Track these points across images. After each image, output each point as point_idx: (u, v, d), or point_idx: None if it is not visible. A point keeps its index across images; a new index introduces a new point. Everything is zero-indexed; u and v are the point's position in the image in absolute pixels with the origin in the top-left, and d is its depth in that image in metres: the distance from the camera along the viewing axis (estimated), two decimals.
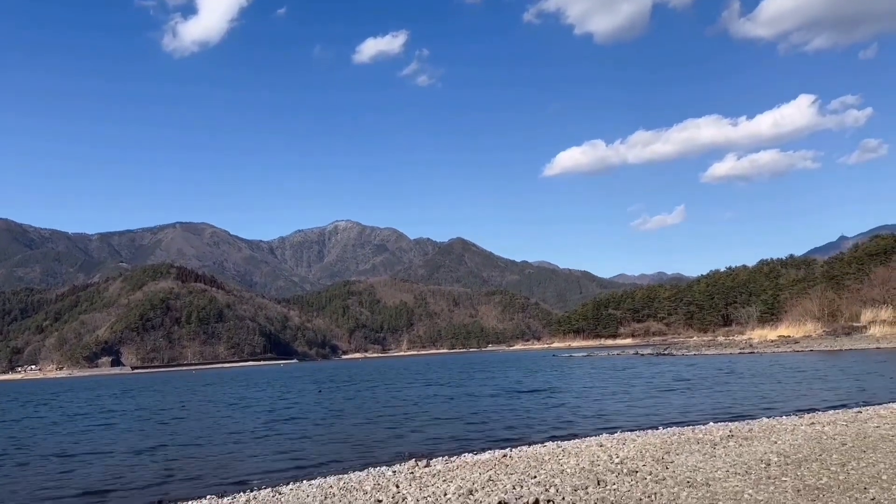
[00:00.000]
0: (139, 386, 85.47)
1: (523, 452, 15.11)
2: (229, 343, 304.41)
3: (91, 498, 14.50)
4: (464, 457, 15.59)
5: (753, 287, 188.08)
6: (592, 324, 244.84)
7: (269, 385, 66.57)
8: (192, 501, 12.94)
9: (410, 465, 14.52)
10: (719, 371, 46.20)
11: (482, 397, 34.57)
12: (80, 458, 20.45)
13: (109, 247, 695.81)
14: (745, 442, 13.63)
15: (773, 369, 44.14)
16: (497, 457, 14.65)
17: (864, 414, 17.34)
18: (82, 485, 15.94)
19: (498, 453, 15.39)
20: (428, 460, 14.97)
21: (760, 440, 13.70)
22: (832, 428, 14.73)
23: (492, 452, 15.88)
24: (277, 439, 22.08)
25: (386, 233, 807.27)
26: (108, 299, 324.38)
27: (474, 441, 19.18)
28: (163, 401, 48.88)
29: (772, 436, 14.22)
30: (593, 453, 13.59)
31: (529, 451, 15.40)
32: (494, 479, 11.52)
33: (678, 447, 13.51)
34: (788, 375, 38.18)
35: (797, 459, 11.17)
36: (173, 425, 28.85)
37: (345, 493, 11.76)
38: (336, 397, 40.26)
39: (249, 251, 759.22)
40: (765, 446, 12.83)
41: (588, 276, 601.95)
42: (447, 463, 14.53)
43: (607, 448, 14.27)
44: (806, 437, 13.49)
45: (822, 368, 42.62)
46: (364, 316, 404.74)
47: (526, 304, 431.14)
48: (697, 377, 41.52)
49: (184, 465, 17.70)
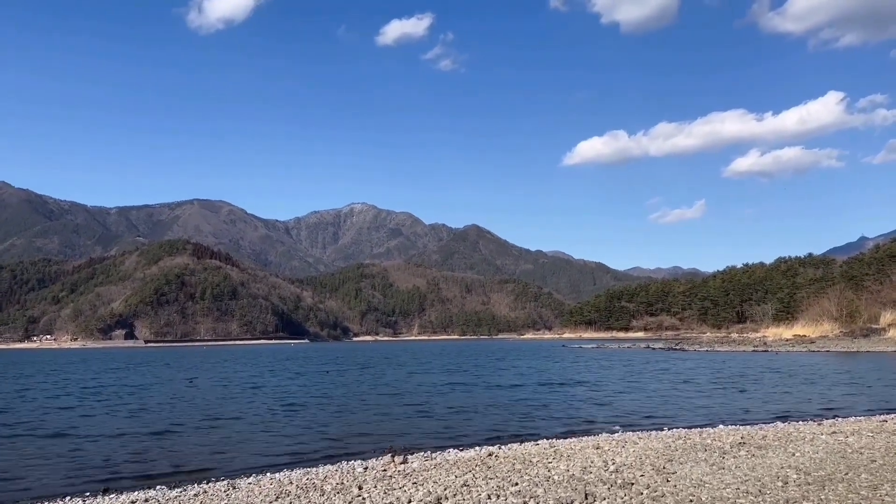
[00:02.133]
0: (148, 360, 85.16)
1: (512, 451, 13.73)
2: (242, 321, 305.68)
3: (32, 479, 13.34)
4: (447, 453, 14.25)
5: (770, 285, 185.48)
6: (605, 316, 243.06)
7: (277, 365, 65.81)
8: (139, 491, 11.72)
9: (385, 461, 13.21)
10: (732, 369, 44.55)
11: (494, 387, 33.23)
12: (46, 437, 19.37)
13: (127, 221, 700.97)
14: (758, 452, 12.12)
15: (787, 369, 42.41)
16: (481, 455, 13.28)
17: (890, 424, 15.76)
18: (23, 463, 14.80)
19: (483, 451, 14.02)
20: (406, 455, 13.65)
21: (776, 450, 12.19)
22: (856, 439, 13.18)
23: (477, 450, 14.51)
24: (267, 425, 20.85)
25: (401, 217, 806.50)
26: (124, 273, 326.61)
27: (467, 435, 17.82)
28: (161, 377, 48.04)
29: (789, 445, 12.71)
30: (587, 457, 12.18)
31: (519, 449, 14.02)
32: (470, 485, 10.14)
33: (682, 454, 12.05)
34: (804, 376, 36.48)
35: (820, 478, 9.66)
36: (154, 406, 27.77)
37: (302, 492, 10.45)
38: (341, 381, 38.99)
39: (265, 230, 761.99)
40: (781, 458, 11.33)
41: (602, 268, 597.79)
42: (426, 460, 13.19)
43: (604, 451, 12.84)
44: (828, 450, 11.96)
45: (839, 371, 40.82)
46: (376, 299, 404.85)
47: (539, 294, 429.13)
48: (709, 374, 39.92)
49: (147, 451, 16.50)
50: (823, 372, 40.08)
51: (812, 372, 39.92)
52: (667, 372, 43.21)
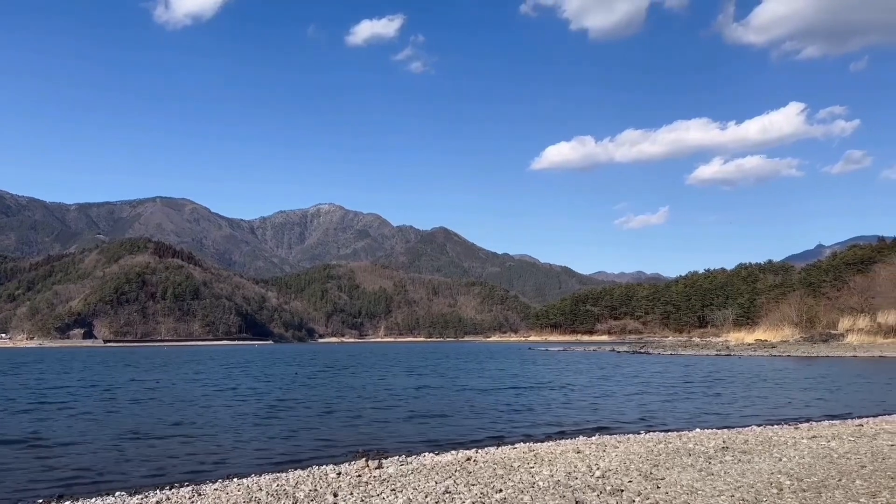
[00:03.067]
0: (108, 360, 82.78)
1: (490, 455, 13.27)
2: (204, 321, 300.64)
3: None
4: (423, 457, 13.74)
5: (730, 290, 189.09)
6: (570, 319, 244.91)
7: (241, 366, 64.49)
8: (97, 498, 10.97)
9: (360, 465, 12.63)
10: (700, 372, 44.86)
11: (466, 390, 32.76)
12: None
13: (87, 218, 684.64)
14: (743, 456, 11.87)
15: (753, 373, 42.84)
16: (460, 460, 12.79)
17: (867, 428, 15.72)
18: None
19: (461, 455, 13.54)
20: (381, 460, 13.09)
21: (762, 455, 11.95)
22: (839, 444, 13.03)
23: (455, 453, 14.01)
24: (233, 428, 20.03)
25: (369, 218, 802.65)
26: (84, 271, 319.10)
27: (440, 438, 17.30)
28: (124, 378, 46.54)
29: (773, 450, 12.48)
30: (570, 462, 11.77)
31: (497, 453, 13.57)
32: (452, 492, 9.64)
33: (667, 459, 11.73)
34: (770, 380, 36.82)
35: (814, 485, 9.39)
36: (118, 409, 26.73)
37: (273, 500, 9.84)
38: (309, 383, 38.10)
39: (230, 229, 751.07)
40: (768, 464, 11.07)
41: (568, 272, 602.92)
42: (402, 465, 12.66)
43: (586, 456, 12.46)
44: (814, 455, 11.77)
45: (804, 375, 41.36)
46: (342, 300, 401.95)
47: (505, 297, 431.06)
48: (678, 377, 40.09)
49: (108, 456, 15.66)
50: (788, 376, 40.55)
51: (778, 376, 40.35)
52: (636, 375, 43.30)
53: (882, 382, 35.15)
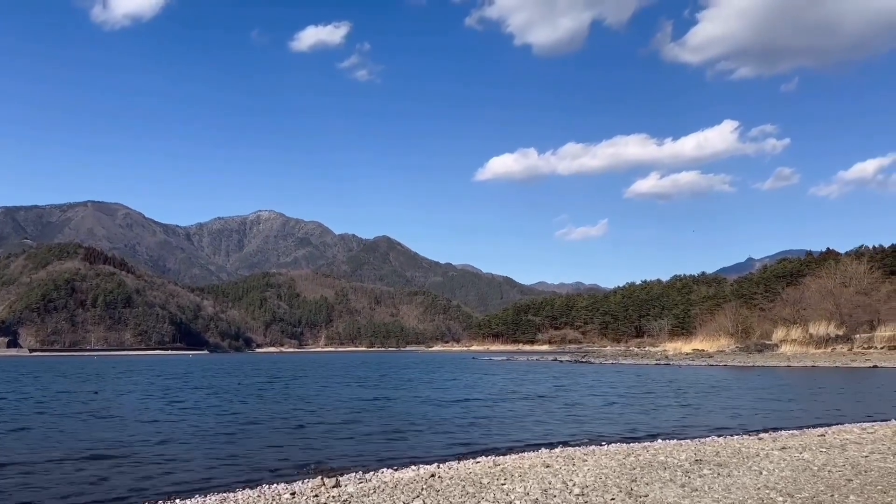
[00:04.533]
0: (36, 370, 78.17)
1: (455, 471, 12.46)
2: (136, 330, 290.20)
3: None
4: (382, 474, 12.83)
5: (666, 301, 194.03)
6: (512, 328, 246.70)
7: (176, 378, 61.80)
8: None
9: (315, 483, 11.64)
10: (644, 382, 45.15)
11: (418, 401, 31.81)
12: None
13: (14, 222, 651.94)
14: (721, 470, 11.43)
15: (696, 382, 43.36)
16: (423, 476, 11.95)
17: (830, 438, 15.62)
18: None
19: (424, 471, 12.69)
20: (338, 477, 12.13)
21: (739, 468, 11.53)
22: (812, 455, 12.76)
23: (416, 469, 13.15)
24: (172, 444, 18.60)
25: (310, 226, 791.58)
26: (9, 277, 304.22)
27: (396, 452, 16.39)
28: (53, 390, 43.72)
29: (748, 462, 12.10)
30: (542, 477, 11.09)
31: (461, 468, 12.78)
32: None
33: (644, 473, 11.18)
34: (716, 390, 37.25)
35: (807, 500, 8.90)
36: (40, 426, 24.82)
37: None
38: (250, 395, 36.37)
39: (164, 235, 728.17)
40: (750, 478, 10.63)
41: (509, 282, 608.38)
42: (361, 482, 11.73)
43: (556, 470, 11.80)
44: (793, 468, 11.41)
45: (745, 384, 42.07)
46: (282, 309, 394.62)
47: (447, 306, 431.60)
48: (620, 386, 40.18)
49: (33, 478, 14.15)
50: (731, 385, 41.15)
51: (721, 385, 40.90)
52: (588, 385, 43.23)
53: (822, 391, 35.99)
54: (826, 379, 46.71)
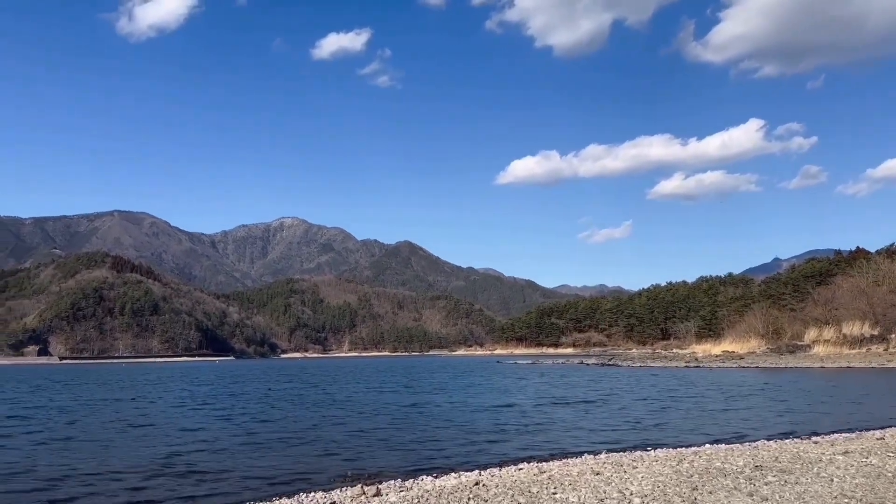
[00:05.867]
0: (69, 378, 78.91)
1: (499, 479, 11.90)
2: (163, 337, 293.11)
3: None
4: (422, 481, 12.31)
5: (692, 303, 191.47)
6: (535, 332, 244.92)
7: (208, 384, 61.91)
8: None
9: (355, 492, 11.16)
10: (679, 385, 44.16)
11: (452, 407, 31.28)
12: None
13: (43, 232, 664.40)
14: (787, 477, 10.72)
15: (729, 385, 42.29)
16: (467, 484, 11.40)
17: (890, 440, 14.78)
18: None
19: (466, 479, 12.14)
20: (377, 486, 11.64)
21: (805, 475, 10.83)
22: (879, 460, 11.96)
23: (457, 476, 12.61)
24: (204, 450, 18.28)
25: (333, 232, 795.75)
26: (39, 286, 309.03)
27: (434, 459, 15.85)
28: (94, 397, 43.91)
29: (812, 468, 11.38)
30: (594, 486, 10.49)
31: (506, 476, 12.21)
32: None
33: (704, 481, 10.53)
34: (752, 391, 36.23)
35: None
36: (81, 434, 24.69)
37: None
38: (279, 402, 35.97)
39: (190, 244, 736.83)
40: (821, 486, 9.91)
41: (532, 285, 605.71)
42: (402, 491, 11.22)
43: (608, 478, 11.19)
44: (864, 474, 10.69)
45: (780, 386, 40.92)
46: (306, 315, 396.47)
47: (470, 310, 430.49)
48: (657, 389, 39.27)
49: (67, 483, 13.86)
50: (767, 387, 40.06)
51: (757, 388, 39.83)
52: (620, 388, 42.36)
53: (863, 392, 34.80)
54: (864, 380, 45.34)
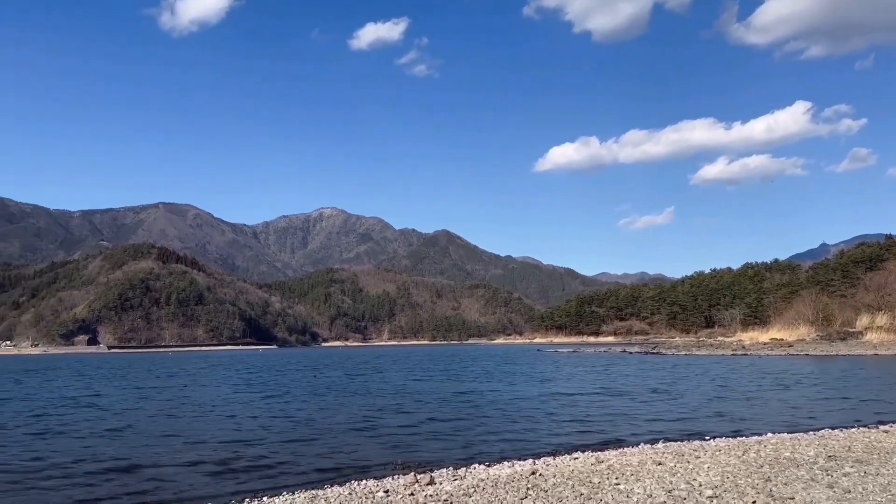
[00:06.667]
0: (119, 366, 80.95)
1: (555, 468, 11.50)
2: (208, 326, 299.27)
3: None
4: (475, 470, 11.99)
5: (737, 290, 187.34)
6: (575, 320, 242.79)
7: (250, 371, 62.86)
8: None
9: (408, 481, 10.90)
10: (731, 374, 43.07)
11: (491, 395, 31.00)
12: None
13: (91, 225, 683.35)
14: (864, 467, 10.07)
15: (780, 373, 41.06)
16: (523, 474, 11.03)
17: None
18: None
19: (520, 468, 11.77)
20: (430, 474, 11.36)
21: (885, 465, 10.12)
22: None
23: (510, 465, 12.25)
24: (251, 437, 18.32)
25: (371, 222, 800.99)
26: (88, 277, 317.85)
27: (484, 447, 15.52)
28: (145, 385, 44.86)
29: (893, 459, 10.72)
30: (660, 477, 10.03)
31: (562, 465, 11.81)
32: None
33: (775, 472, 9.98)
34: (806, 379, 35.09)
35: None
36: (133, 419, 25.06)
37: None
38: (327, 389, 35.94)
39: (233, 234, 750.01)
40: None
41: (571, 274, 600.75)
42: (456, 480, 10.92)
43: (672, 468, 10.70)
44: None
45: (832, 374, 39.54)
46: (346, 304, 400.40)
47: (509, 299, 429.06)
48: (708, 378, 38.32)
49: (127, 474, 13.96)
50: (821, 375, 38.78)
51: (810, 375, 38.59)
52: (670, 377, 41.49)
53: None
54: None
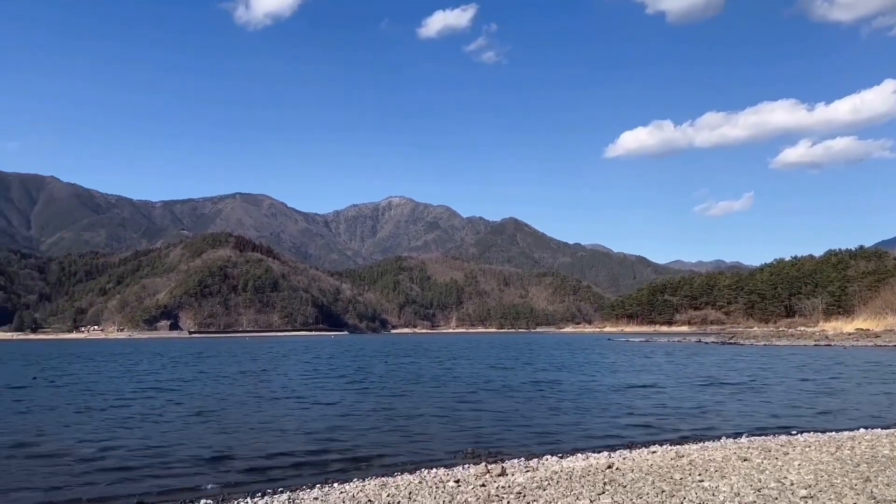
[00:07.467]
0: (201, 351, 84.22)
1: (633, 462, 11.05)
2: (283, 312, 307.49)
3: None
4: (547, 461, 11.66)
5: (819, 278, 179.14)
6: (647, 309, 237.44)
7: (327, 356, 64.23)
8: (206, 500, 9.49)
9: (479, 470, 10.67)
10: (810, 364, 41.04)
11: (566, 384, 30.55)
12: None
13: (172, 214, 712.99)
14: None
15: (867, 364, 38.81)
16: (599, 467, 10.64)
17: None
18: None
19: (596, 461, 11.37)
20: (502, 465, 11.10)
21: None
22: None
23: (585, 458, 11.86)
24: (314, 423, 18.55)
25: (439, 210, 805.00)
26: (169, 265, 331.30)
27: (556, 438, 15.16)
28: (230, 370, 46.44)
29: None
30: (746, 474, 9.46)
31: (639, 459, 11.34)
32: None
33: (875, 471, 9.24)
34: (891, 372, 33.05)
35: None
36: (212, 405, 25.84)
37: None
38: (400, 376, 36.02)
39: (305, 223, 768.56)
40: None
41: (643, 261, 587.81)
42: (528, 471, 10.63)
43: (759, 465, 10.09)
44: None
45: None
46: (414, 292, 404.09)
47: (577, 287, 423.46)
48: (781, 369, 36.60)
49: (197, 456, 14.32)
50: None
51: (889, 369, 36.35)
52: (753, 367, 39.90)
53: None
54: None
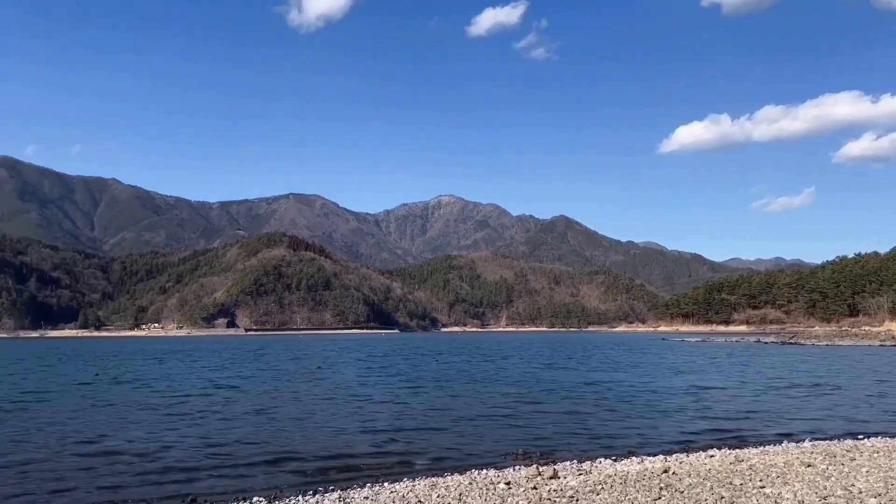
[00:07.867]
0: (256, 347, 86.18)
1: (689, 466, 10.72)
2: (335, 310, 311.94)
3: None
4: (600, 464, 11.43)
5: (885, 276, 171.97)
6: (703, 308, 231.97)
7: (381, 355, 64.85)
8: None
9: (530, 473, 10.51)
10: (877, 365, 39.37)
11: (620, 385, 30.10)
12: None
13: (228, 215, 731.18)
14: None
15: None
16: (654, 471, 10.35)
17: None
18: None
19: (651, 465, 11.07)
20: (554, 467, 10.92)
21: None
22: None
23: (639, 461, 11.57)
24: (368, 422, 18.66)
25: (488, 209, 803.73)
26: (226, 264, 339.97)
27: (610, 440, 14.86)
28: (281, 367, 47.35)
29: None
30: (810, 480, 9.06)
31: (696, 463, 11.00)
32: None
33: None
34: None
35: None
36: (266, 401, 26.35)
37: None
38: (452, 376, 35.98)
39: (356, 223, 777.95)
40: None
41: (698, 259, 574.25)
42: (581, 474, 10.42)
43: (824, 471, 9.66)
44: None
45: None
46: (464, 290, 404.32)
47: (630, 286, 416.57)
48: (845, 370, 35.18)
49: (247, 446, 14.56)
50: None
51: None
52: (807, 369, 38.55)
53: None
54: None
